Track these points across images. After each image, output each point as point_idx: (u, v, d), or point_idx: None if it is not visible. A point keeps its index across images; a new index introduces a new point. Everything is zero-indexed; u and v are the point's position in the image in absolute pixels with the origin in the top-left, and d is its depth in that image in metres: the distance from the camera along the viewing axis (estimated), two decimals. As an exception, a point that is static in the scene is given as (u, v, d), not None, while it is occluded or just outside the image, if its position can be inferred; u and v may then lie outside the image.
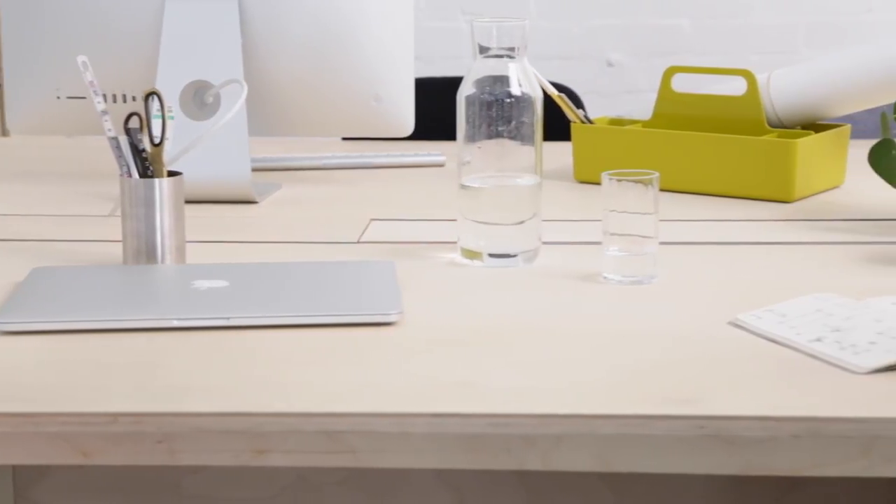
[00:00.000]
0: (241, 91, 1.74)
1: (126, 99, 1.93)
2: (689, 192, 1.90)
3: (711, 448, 1.08)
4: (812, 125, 1.95)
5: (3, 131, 3.19)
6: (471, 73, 1.53)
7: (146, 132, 1.52)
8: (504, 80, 1.52)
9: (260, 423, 1.11)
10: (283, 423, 1.10)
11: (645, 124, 2.00)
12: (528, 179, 1.54)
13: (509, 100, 1.52)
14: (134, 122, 1.51)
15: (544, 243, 1.58)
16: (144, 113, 1.52)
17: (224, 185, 1.86)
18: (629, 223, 1.46)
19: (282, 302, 1.34)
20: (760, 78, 1.93)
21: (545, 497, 1.49)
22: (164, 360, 1.24)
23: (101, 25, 1.90)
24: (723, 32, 3.60)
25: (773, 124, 1.94)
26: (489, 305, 1.40)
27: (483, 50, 1.53)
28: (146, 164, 1.51)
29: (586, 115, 2.03)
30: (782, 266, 1.55)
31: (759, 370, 1.19)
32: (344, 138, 2.31)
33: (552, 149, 2.19)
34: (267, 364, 1.23)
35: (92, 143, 2.16)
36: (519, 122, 1.52)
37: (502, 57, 1.52)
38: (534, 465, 1.12)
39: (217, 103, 1.88)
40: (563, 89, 2.35)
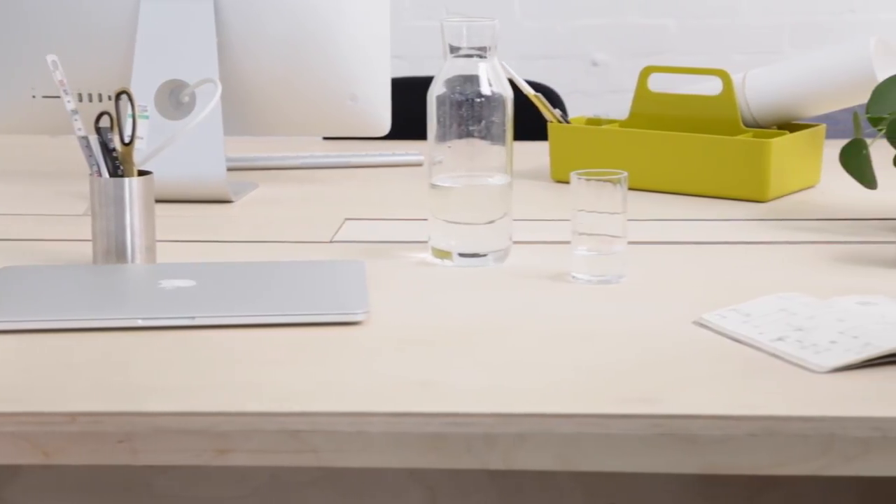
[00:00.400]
0: (216, 90, 1.74)
1: (102, 98, 1.93)
2: (665, 192, 1.90)
3: (670, 447, 1.08)
4: (787, 125, 1.95)
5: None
6: (441, 73, 1.54)
7: (117, 131, 1.52)
8: (474, 80, 1.52)
9: (221, 423, 1.11)
10: (243, 423, 1.11)
11: (622, 124, 2.01)
12: (499, 179, 1.54)
13: (479, 99, 1.52)
14: (105, 122, 1.51)
15: (517, 243, 1.59)
16: (115, 112, 1.52)
17: (199, 185, 1.86)
18: (598, 223, 1.46)
19: (248, 302, 1.34)
20: (736, 78, 1.93)
21: (517, 496, 1.49)
22: (127, 360, 1.24)
23: (77, 25, 1.90)
24: (707, 32, 3.61)
25: (748, 124, 1.94)
26: (457, 305, 1.41)
27: (453, 50, 1.53)
28: (117, 164, 1.51)
29: (563, 115, 2.03)
30: (753, 266, 1.56)
31: (720, 370, 1.19)
32: (325, 138, 2.32)
33: (529, 148, 2.19)
34: (231, 364, 1.23)
35: (73, 142, 2.16)
36: (489, 122, 1.53)
37: (472, 57, 1.53)
38: (496, 464, 1.12)
39: (193, 103, 1.88)
40: (540, 88, 2.35)
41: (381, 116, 1.95)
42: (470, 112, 1.52)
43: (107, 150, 1.51)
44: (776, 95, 1.92)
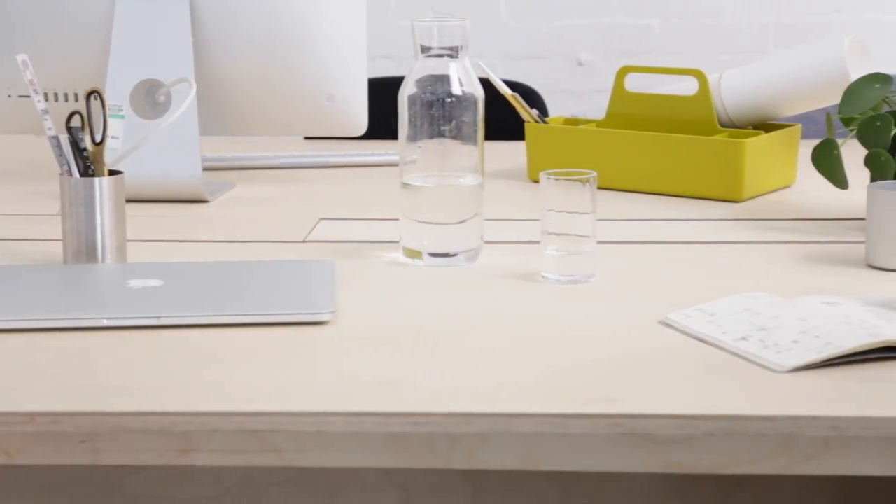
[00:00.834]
0: (191, 90, 1.74)
1: (79, 98, 1.93)
2: (641, 192, 1.90)
3: (630, 446, 1.09)
4: (764, 125, 1.95)
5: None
6: (412, 73, 1.54)
7: (88, 131, 1.52)
8: (445, 80, 1.53)
9: (182, 423, 1.11)
10: (204, 423, 1.11)
11: (599, 124, 2.01)
12: (470, 179, 1.54)
13: (450, 99, 1.52)
14: (76, 121, 1.51)
15: (490, 242, 1.59)
16: (86, 112, 1.52)
17: (175, 184, 1.86)
18: (567, 223, 1.46)
19: (215, 301, 1.34)
20: (712, 78, 1.94)
21: (491, 495, 1.49)
22: (91, 360, 1.24)
23: (53, 25, 1.90)
24: (692, 32, 3.61)
25: (724, 124, 1.94)
26: (425, 305, 1.41)
27: (424, 49, 1.53)
28: (87, 164, 1.51)
29: (540, 115, 2.03)
30: (724, 265, 1.56)
31: (682, 369, 1.20)
32: (306, 137, 2.32)
33: (507, 148, 2.20)
34: (195, 363, 1.23)
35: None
36: (460, 122, 1.53)
37: (443, 56, 1.53)
38: (459, 464, 1.12)
39: (168, 102, 1.88)
40: (519, 88, 2.35)
41: (358, 116, 1.96)
42: (441, 112, 1.52)
43: (77, 149, 1.51)
44: (751, 95, 1.92)
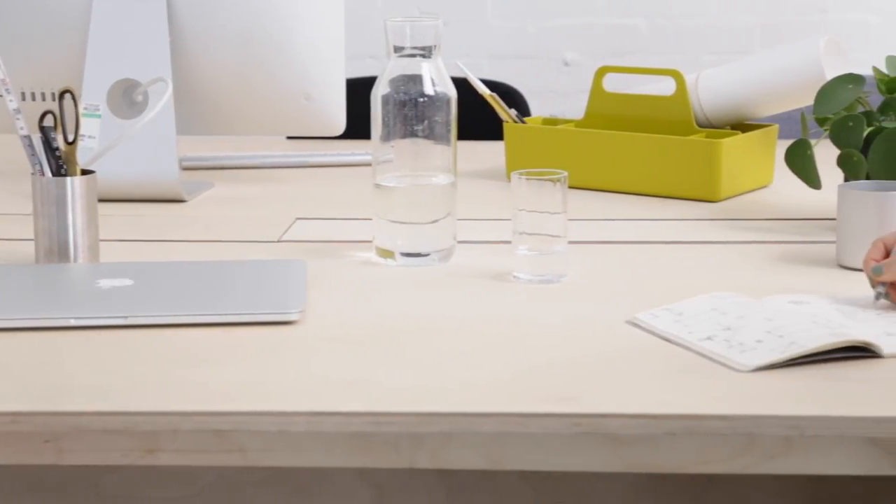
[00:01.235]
0: (167, 89, 1.74)
1: (55, 97, 1.92)
2: (619, 192, 1.91)
3: (591, 446, 1.09)
4: (741, 125, 1.96)
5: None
6: (385, 73, 1.54)
7: (61, 130, 1.52)
8: (418, 80, 1.53)
9: (145, 422, 1.11)
10: (167, 422, 1.11)
11: (577, 124, 2.01)
12: (443, 178, 1.55)
13: (423, 99, 1.52)
14: (49, 121, 1.51)
15: (465, 242, 1.59)
16: (59, 111, 1.52)
17: (152, 184, 1.86)
18: (538, 222, 1.46)
19: (183, 301, 1.34)
20: (689, 78, 1.94)
21: (464, 495, 1.49)
22: (57, 360, 1.24)
23: (29, 23, 1.90)
24: (678, 32, 3.61)
25: (701, 124, 1.95)
26: (395, 305, 1.41)
27: (397, 49, 1.53)
28: (60, 163, 1.51)
29: (519, 115, 2.03)
30: (697, 265, 1.56)
31: (646, 369, 1.20)
32: (288, 137, 2.32)
33: (487, 147, 2.20)
34: (161, 363, 1.23)
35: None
36: (433, 122, 1.53)
37: (416, 56, 1.53)
38: (423, 463, 1.12)
39: (146, 102, 1.88)
40: (500, 87, 2.35)
41: (336, 116, 1.96)
42: (413, 112, 1.53)
43: (50, 149, 1.51)
44: (728, 96, 1.92)
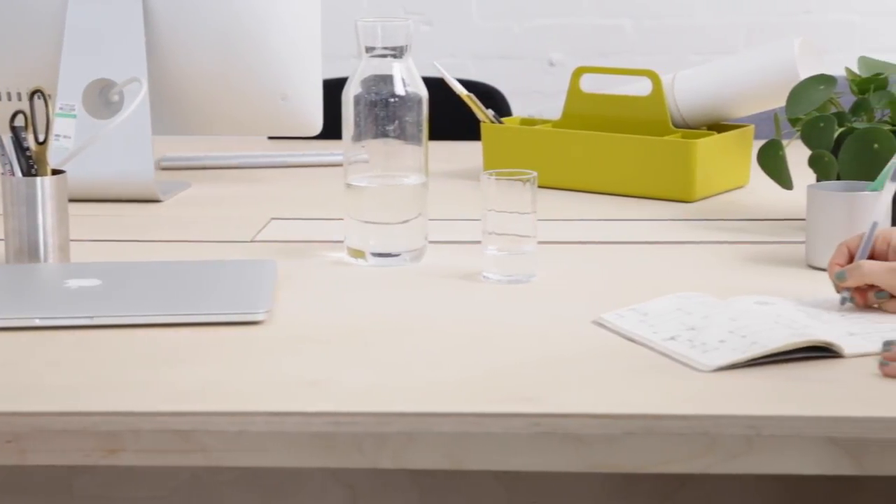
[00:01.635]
0: (141, 89, 1.74)
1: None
2: (596, 192, 1.91)
3: (552, 446, 1.09)
4: (717, 126, 1.96)
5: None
6: (356, 73, 1.54)
7: (31, 130, 1.52)
8: (389, 80, 1.53)
9: (105, 423, 1.11)
10: (126, 422, 1.11)
11: (554, 124, 2.01)
12: (414, 179, 1.55)
13: (394, 99, 1.52)
14: (20, 121, 1.51)
15: (438, 242, 1.59)
16: (30, 111, 1.52)
17: (127, 184, 1.86)
18: (508, 222, 1.46)
19: (150, 301, 1.34)
20: (665, 79, 1.94)
21: (437, 495, 1.49)
22: (21, 360, 1.24)
23: (4, 23, 1.90)
24: (664, 33, 3.61)
25: (678, 125, 1.95)
26: (364, 304, 1.41)
27: (368, 49, 1.53)
28: (31, 163, 1.51)
29: (496, 115, 2.03)
30: (668, 265, 1.56)
31: (608, 369, 1.20)
32: (270, 137, 2.32)
33: (466, 148, 2.20)
34: (126, 363, 1.23)
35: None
36: (404, 122, 1.53)
37: (387, 57, 1.53)
38: (386, 463, 1.12)
39: (122, 102, 1.88)
40: (480, 87, 2.36)
41: (313, 116, 1.96)
42: (385, 112, 1.53)
43: (21, 149, 1.51)
44: (704, 96, 1.92)
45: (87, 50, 1.87)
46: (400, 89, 1.53)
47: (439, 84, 2.02)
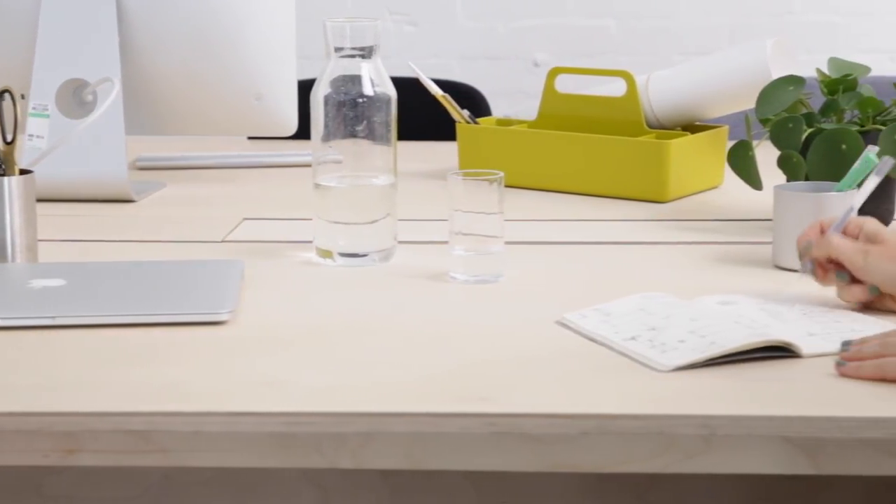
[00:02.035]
0: (114, 89, 1.74)
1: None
2: (571, 192, 1.91)
3: (508, 445, 1.09)
4: (692, 126, 1.96)
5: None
6: (325, 73, 1.54)
7: (-1, 130, 1.52)
8: (357, 80, 1.53)
9: (58, 423, 1.11)
10: (81, 423, 1.11)
11: (530, 125, 2.01)
12: (383, 179, 1.55)
13: (362, 100, 1.52)
14: (-12, 121, 1.51)
15: (408, 242, 1.59)
16: (-2, 111, 1.52)
17: (101, 184, 1.86)
18: (475, 223, 1.46)
19: (114, 301, 1.34)
20: (640, 79, 1.94)
21: (408, 495, 1.49)
22: (-19, 359, 1.24)
23: (-23, 23, 1.90)
24: (648, 33, 3.62)
25: (652, 125, 1.95)
26: (330, 305, 1.41)
27: (337, 50, 1.53)
28: (-1, 163, 1.51)
29: (471, 115, 2.03)
30: (637, 266, 1.56)
31: (568, 369, 1.20)
32: (249, 137, 2.32)
33: (444, 148, 2.20)
34: (87, 364, 1.23)
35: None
36: (372, 122, 1.53)
37: (355, 57, 1.53)
38: (346, 463, 1.12)
39: (96, 102, 1.88)
40: (458, 87, 2.36)
41: (288, 116, 1.96)
42: (353, 112, 1.53)
43: (-12, 149, 1.51)
44: (678, 97, 1.93)
45: (61, 50, 1.87)
46: (368, 89, 1.53)
47: (419, 84, 2.03)
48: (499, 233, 1.47)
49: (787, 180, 1.63)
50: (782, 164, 1.60)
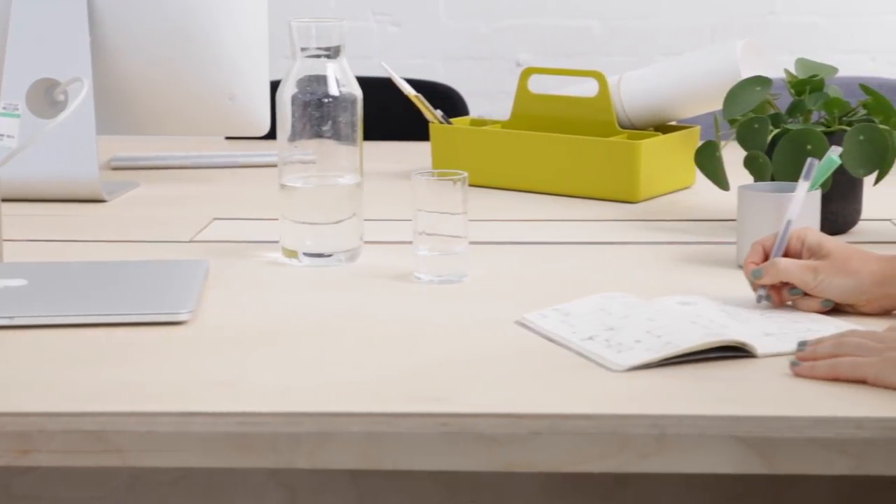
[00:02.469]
0: (89, 89, 1.74)
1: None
2: (542, 192, 1.91)
3: (461, 445, 1.09)
4: (664, 127, 1.96)
5: None
6: (291, 73, 1.54)
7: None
8: (323, 80, 1.53)
9: (10, 423, 1.10)
10: (34, 423, 1.10)
11: (503, 125, 2.01)
12: (348, 179, 1.55)
13: (328, 100, 1.52)
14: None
15: (376, 242, 1.59)
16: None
17: (71, 184, 1.86)
18: (439, 223, 1.46)
19: (73, 302, 1.34)
20: (612, 80, 1.94)
21: (376, 495, 1.49)
22: (-62, 359, 1.24)
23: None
24: (631, 33, 3.62)
25: (624, 126, 1.95)
26: (292, 305, 1.41)
27: (303, 50, 1.53)
28: (-36, 163, 1.51)
29: (444, 115, 2.03)
30: (604, 266, 1.56)
31: (523, 368, 1.20)
32: (227, 137, 2.32)
33: (419, 148, 2.20)
34: (43, 364, 1.23)
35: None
36: (338, 122, 1.53)
37: (321, 57, 1.53)
38: (302, 463, 1.12)
39: (67, 101, 1.88)
40: (432, 87, 2.36)
41: (261, 116, 1.96)
42: (319, 112, 1.53)
43: (-46, 148, 1.51)
44: (650, 97, 1.93)
45: (32, 49, 1.87)
46: (334, 90, 1.53)
47: (388, 84, 2.03)
48: (463, 233, 1.46)
49: (754, 180, 1.63)
50: (748, 164, 1.61)
